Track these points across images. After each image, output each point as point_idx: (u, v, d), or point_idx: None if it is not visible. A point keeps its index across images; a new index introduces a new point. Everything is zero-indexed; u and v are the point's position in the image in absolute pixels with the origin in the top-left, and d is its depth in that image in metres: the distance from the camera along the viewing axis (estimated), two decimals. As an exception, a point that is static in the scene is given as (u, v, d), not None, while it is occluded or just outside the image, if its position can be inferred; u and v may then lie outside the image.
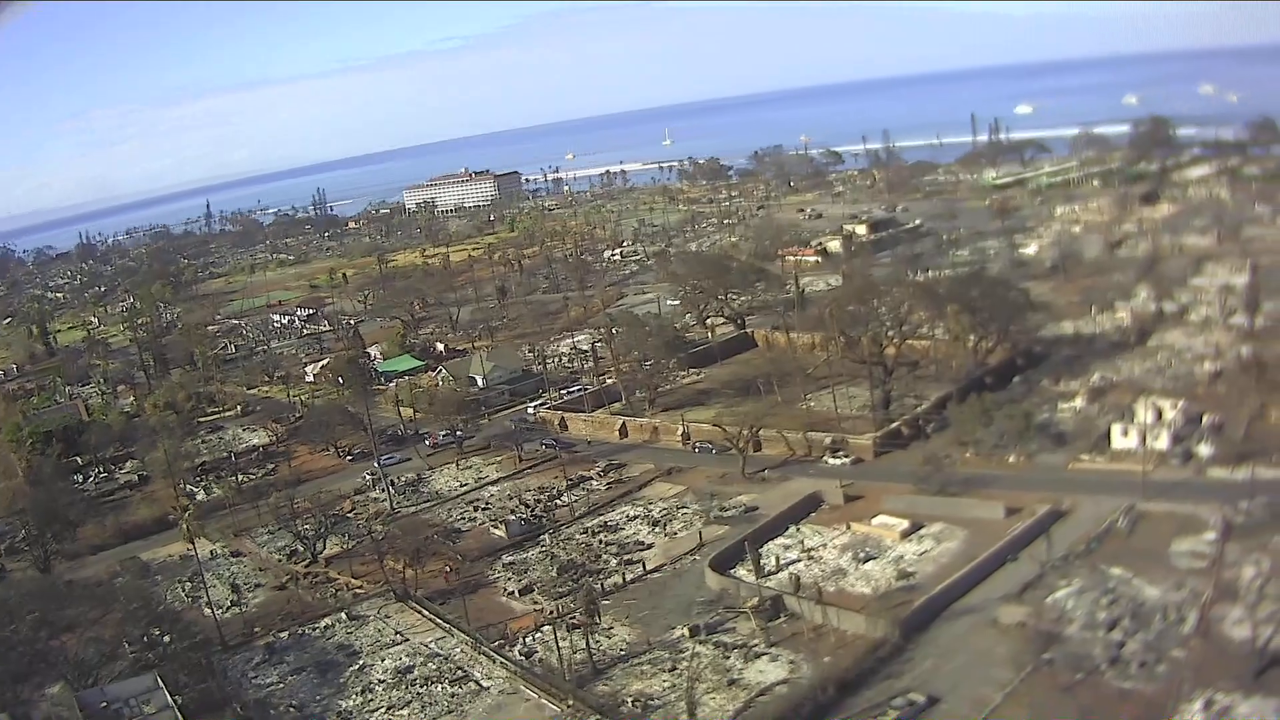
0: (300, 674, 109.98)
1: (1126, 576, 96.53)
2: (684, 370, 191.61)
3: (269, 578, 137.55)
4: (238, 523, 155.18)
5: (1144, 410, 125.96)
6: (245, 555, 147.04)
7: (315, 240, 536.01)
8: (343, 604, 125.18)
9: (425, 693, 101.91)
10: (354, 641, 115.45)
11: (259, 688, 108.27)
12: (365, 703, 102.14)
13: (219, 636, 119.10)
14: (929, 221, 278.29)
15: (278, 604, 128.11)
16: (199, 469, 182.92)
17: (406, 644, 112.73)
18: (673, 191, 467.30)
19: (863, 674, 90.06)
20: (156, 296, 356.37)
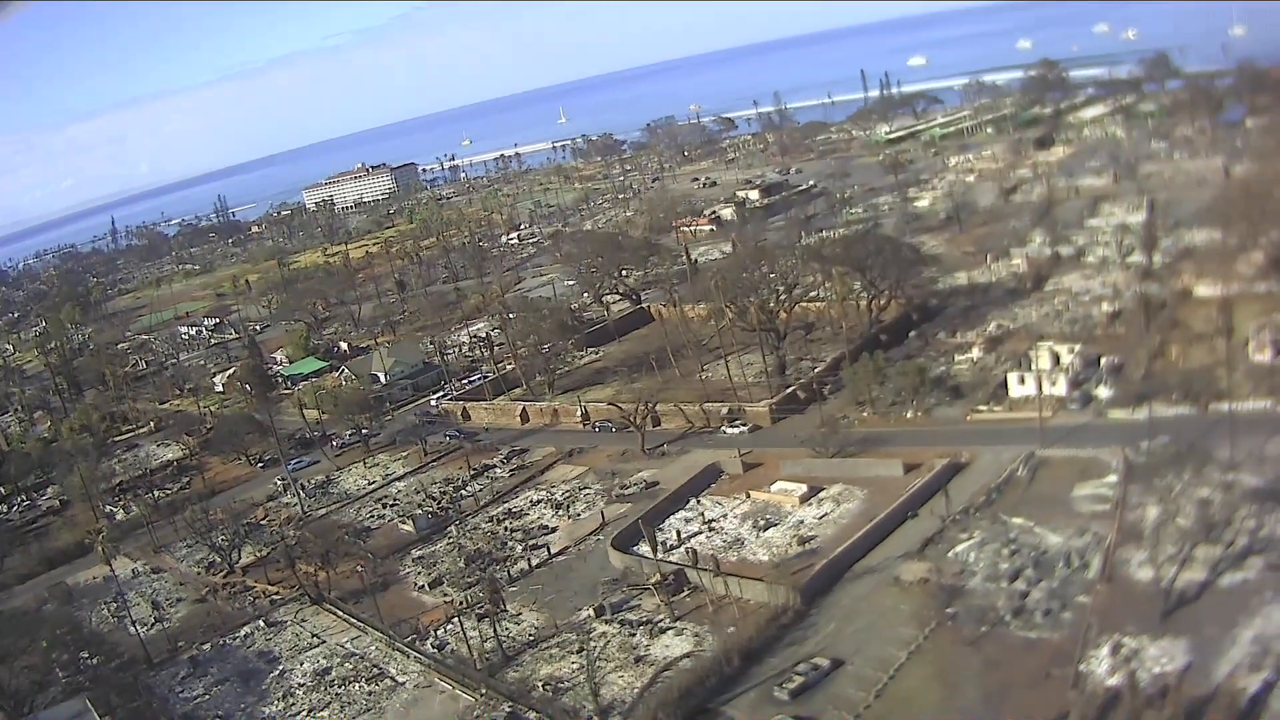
0: (224, 684, 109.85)
1: (1028, 525, 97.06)
2: (582, 350, 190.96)
3: (189, 591, 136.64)
4: (157, 539, 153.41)
5: (1041, 357, 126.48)
6: (166, 571, 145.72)
7: (220, 248, 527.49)
8: (260, 612, 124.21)
9: (344, 693, 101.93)
10: (273, 648, 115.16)
11: (185, 701, 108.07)
12: (287, 708, 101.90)
13: (144, 654, 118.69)
14: (822, 181, 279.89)
15: (199, 617, 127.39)
16: (116, 489, 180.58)
17: (323, 646, 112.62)
18: (568, 170, 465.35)
19: (766, 642, 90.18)
20: (66, 319, 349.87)
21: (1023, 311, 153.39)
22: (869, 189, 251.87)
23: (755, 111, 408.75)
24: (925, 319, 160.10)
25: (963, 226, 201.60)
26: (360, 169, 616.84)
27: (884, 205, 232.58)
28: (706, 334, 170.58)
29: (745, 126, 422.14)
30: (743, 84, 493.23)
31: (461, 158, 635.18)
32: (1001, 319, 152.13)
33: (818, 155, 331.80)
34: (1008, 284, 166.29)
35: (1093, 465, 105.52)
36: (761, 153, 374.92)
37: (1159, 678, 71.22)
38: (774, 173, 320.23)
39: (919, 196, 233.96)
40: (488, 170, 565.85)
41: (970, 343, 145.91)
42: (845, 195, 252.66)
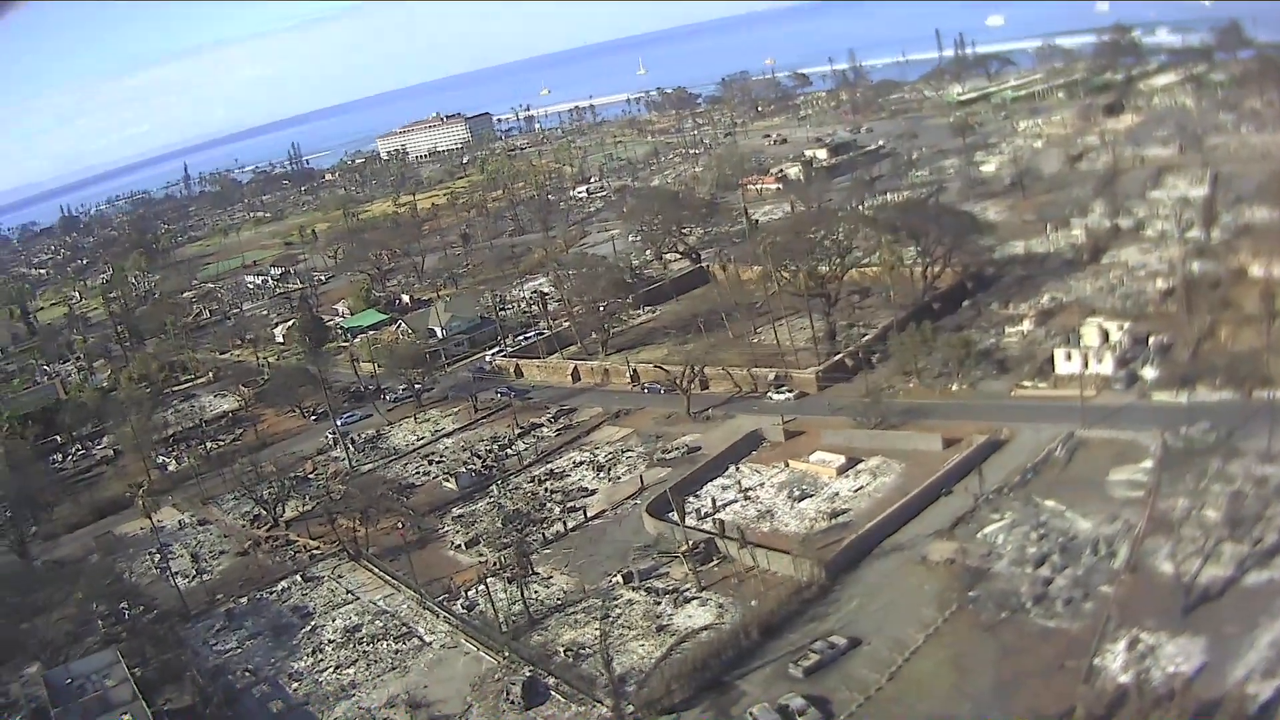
0: (257, 638, 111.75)
1: (1060, 509, 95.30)
2: (639, 309, 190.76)
3: (233, 544, 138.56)
4: (205, 491, 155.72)
5: (1090, 333, 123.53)
6: (212, 523, 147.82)
7: (292, 196, 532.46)
8: (299, 566, 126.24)
9: (371, 650, 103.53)
10: (308, 603, 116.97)
11: (218, 654, 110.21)
12: (315, 663, 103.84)
13: (182, 606, 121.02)
14: (891, 142, 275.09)
15: (239, 570, 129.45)
16: (170, 439, 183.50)
17: (357, 603, 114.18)
18: (641, 124, 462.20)
19: (788, 616, 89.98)
20: (132, 267, 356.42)
21: (1078, 284, 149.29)
22: (937, 151, 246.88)
23: (830, 68, 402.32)
24: (980, 288, 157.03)
25: (1026, 193, 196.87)
26: (435, 118, 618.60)
27: (950, 168, 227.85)
28: (760, 296, 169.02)
29: (820, 83, 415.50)
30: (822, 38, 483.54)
31: (538, 108, 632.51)
32: (1056, 291, 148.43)
33: (890, 115, 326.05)
34: (1065, 254, 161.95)
35: (1131, 449, 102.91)
36: (834, 110, 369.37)
37: (1171, 677, 69.77)
38: (845, 131, 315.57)
39: (985, 160, 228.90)
40: (562, 122, 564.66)
41: (1022, 315, 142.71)
42: (913, 157, 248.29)
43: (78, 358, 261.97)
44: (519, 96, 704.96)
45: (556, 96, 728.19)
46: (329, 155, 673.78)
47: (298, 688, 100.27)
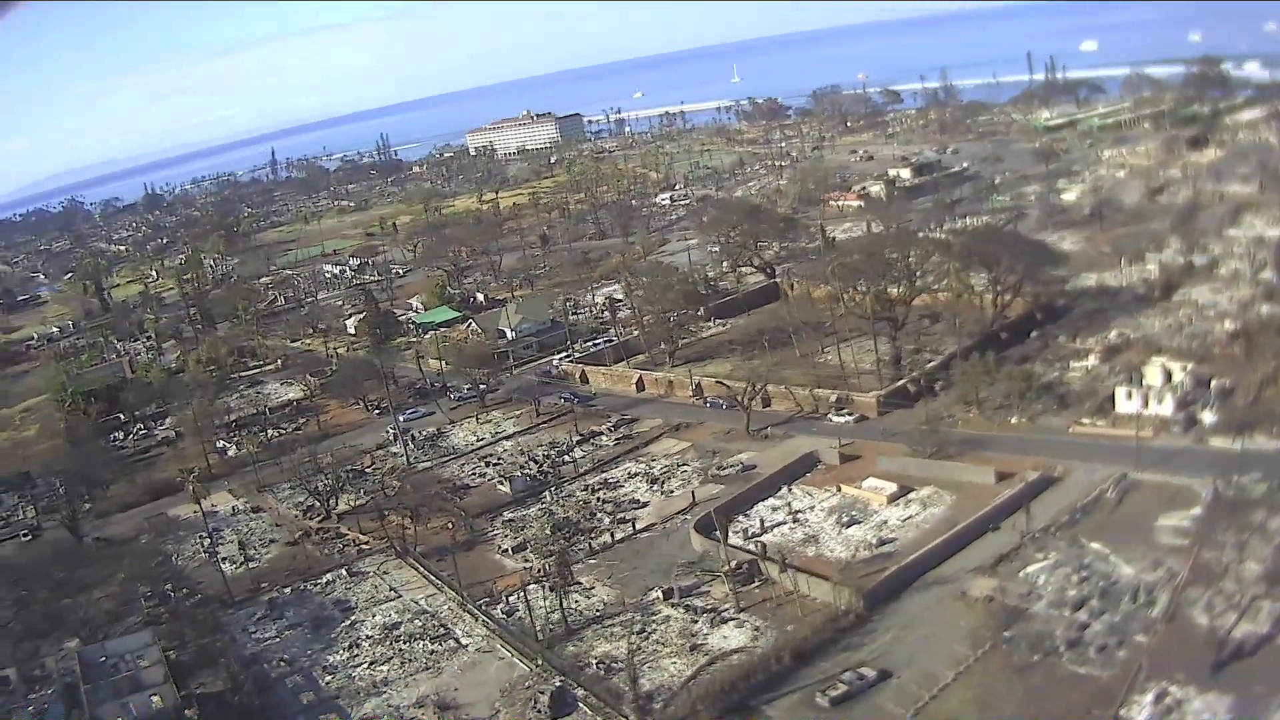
0: (296, 629, 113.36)
1: (1104, 552, 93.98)
2: (710, 321, 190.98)
3: (284, 533, 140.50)
4: (262, 478, 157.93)
5: (1153, 372, 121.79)
6: (266, 510, 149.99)
7: (378, 186, 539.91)
8: (346, 560, 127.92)
9: (407, 649, 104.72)
10: (351, 597, 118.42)
11: (256, 642, 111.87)
12: (351, 657, 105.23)
13: (225, 592, 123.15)
14: (976, 164, 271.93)
15: (287, 559, 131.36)
16: (233, 424, 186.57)
17: (398, 600, 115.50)
18: (730, 132, 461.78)
19: (821, 644, 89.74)
20: (211, 249, 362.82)
21: (1147, 321, 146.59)
22: (1020, 176, 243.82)
23: (921, 85, 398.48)
24: (1050, 319, 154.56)
25: (1104, 224, 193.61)
26: (525, 116, 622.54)
27: (1031, 195, 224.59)
28: (829, 316, 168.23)
29: (910, 101, 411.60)
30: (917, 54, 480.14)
31: (629, 111, 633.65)
32: (1124, 327, 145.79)
33: (977, 136, 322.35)
34: (1138, 289, 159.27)
35: (1183, 494, 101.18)
36: (922, 129, 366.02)
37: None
38: (931, 151, 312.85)
39: (1067, 188, 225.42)
40: (651, 126, 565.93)
41: (1088, 349, 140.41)
42: (995, 181, 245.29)
43: (148, 337, 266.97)
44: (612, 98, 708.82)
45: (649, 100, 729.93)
46: (418, 147, 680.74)
47: (330, 681, 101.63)
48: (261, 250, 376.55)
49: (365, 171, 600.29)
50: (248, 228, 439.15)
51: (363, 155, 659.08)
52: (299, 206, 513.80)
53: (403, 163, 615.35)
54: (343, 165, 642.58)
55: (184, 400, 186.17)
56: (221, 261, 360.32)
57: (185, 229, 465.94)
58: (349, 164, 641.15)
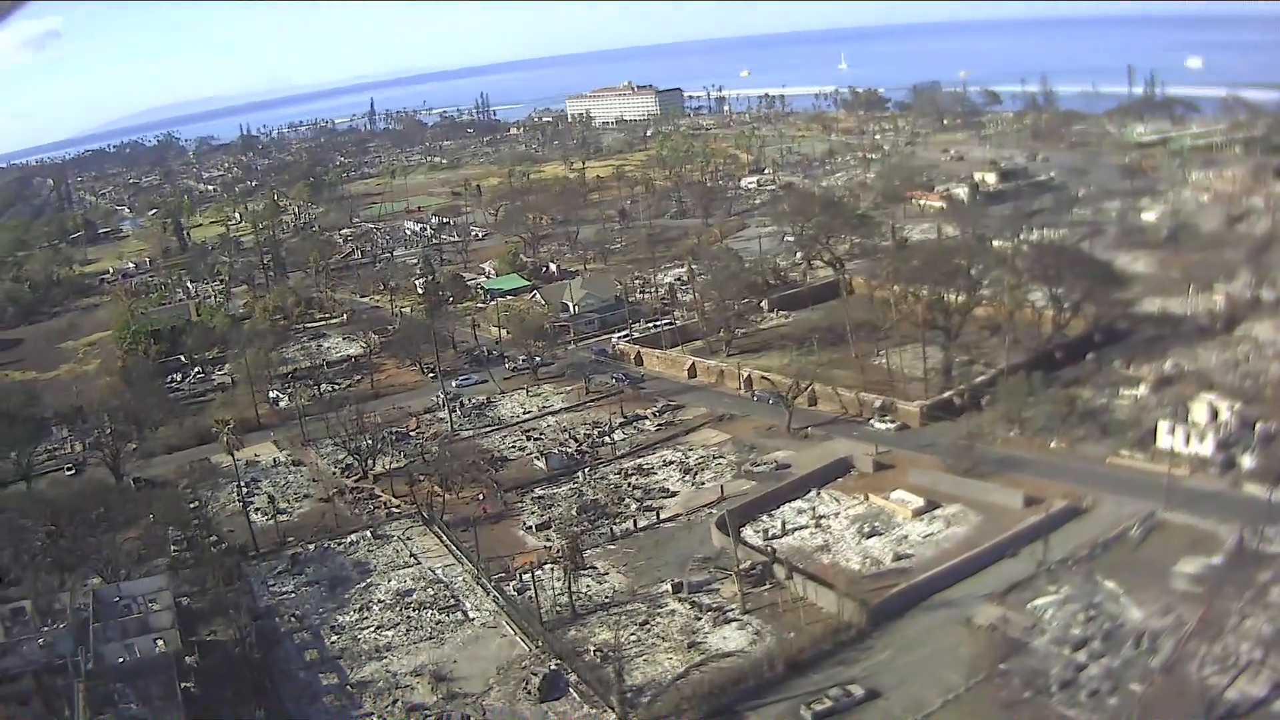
0: (313, 586, 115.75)
1: (1117, 592, 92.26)
2: (773, 312, 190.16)
3: (319, 489, 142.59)
4: (307, 432, 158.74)
5: (1200, 409, 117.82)
6: (306, 465, 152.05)
7: (473, 145, 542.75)
8: (374, 522, 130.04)
9: (415, 617, 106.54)
10: (371, 560, 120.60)
11: (273, 595, 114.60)
12: (360, 620, 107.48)
13: (252, 543, 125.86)
14: (1063, 175, 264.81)
15: (317, 516, 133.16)
16: (289, 375, 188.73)
17: (416, 567, 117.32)
18: (827, 120, 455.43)
19: (818, 656, 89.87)
20: (296, 197, 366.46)
21: (1205, 353, 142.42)
22: (1105, 191, 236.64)
23: (1021, 88, 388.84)
24: (1109, 342, 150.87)
25: (1179, 249, 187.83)
26: (626, 86, 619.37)
27: (1112, 211, 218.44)
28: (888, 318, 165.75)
29: (1009, 103, 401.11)
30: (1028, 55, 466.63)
31: (731, 90, 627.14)
32: (1181, 358, 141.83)
33: (1069, 146, 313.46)
34: (1201, 320, 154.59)
35: (1207, 540, 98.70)
36: (1017, 133, 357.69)
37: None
38: (1021, 157, 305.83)
39: (1149, 208, 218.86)
40: (750, 106, 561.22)
41: (1140, 378, 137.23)
42: (1078, 194, 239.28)
43: (221, 280, 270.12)
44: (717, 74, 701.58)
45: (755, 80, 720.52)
46: (518, 108, 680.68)
47: (336, 641, 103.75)
48: (347, 201, 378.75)
49: (462, 129, 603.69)
50: (335, 178, 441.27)
51: (461, 113, 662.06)
52: (391, 160, 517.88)
53: (500, 123, 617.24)
54: (441, 121, 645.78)
55: (242, 348, 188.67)
56: (305, 209, 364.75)
57: (275, 174, 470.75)
58: (447, 120, 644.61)
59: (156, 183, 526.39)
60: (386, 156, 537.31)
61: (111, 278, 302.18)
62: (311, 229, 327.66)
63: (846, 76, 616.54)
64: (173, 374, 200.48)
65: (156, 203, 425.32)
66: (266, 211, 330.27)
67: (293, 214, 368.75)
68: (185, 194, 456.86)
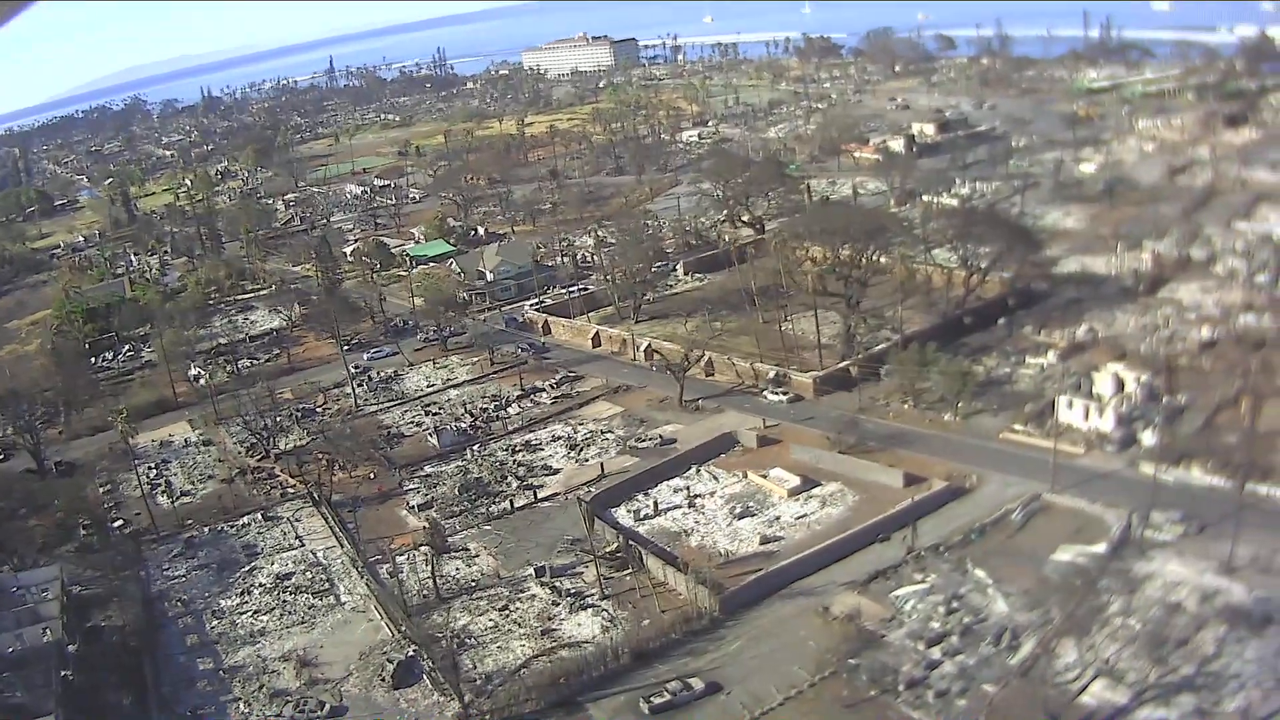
0: (203, 570, 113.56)
1: (986, 583, 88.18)
2: (689, 276, 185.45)
3: (224, 469, 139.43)
4: (221, 410, 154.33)
5: (1104, 380, 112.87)
6: (216, 444, 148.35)
7: (428, 101, 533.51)
8: (268, 503, 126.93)
9: (291, 601, 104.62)
10: (259, 542, 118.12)
11: (166, 580, 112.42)
12: (240, 604, 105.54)
13: (153, 527, 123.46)
14: (1006, 124, 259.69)
15: (218, 497, 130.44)
16: (212, 351, 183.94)
17: (300, 550, 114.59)
18: (778, 68, 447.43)
19: (667, 645, 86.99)
20: (245, 162, 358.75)
21: (1124, 317, 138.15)
22: (1047, 140, 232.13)
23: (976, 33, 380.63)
24: (1024, 305, 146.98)
25: (1114, 203, 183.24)
26: (581, 38, 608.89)
27: (1050, 163, 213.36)
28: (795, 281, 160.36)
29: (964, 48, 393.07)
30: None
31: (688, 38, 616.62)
32: (1098, 321, 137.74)
33: (1019, 93, 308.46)
34: (1126, 280, 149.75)
35: (1092, 525, 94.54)
36: (967, 80, 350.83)
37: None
38: (968, 105, 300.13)
39: (1089, 159, 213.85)
40: (703, 55, 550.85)
41: (1051, 344, 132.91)
42: (1019, 144, 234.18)
43: (165, 252, 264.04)
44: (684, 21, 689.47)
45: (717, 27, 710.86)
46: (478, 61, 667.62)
47: (216, 625, 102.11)
48: (297, 164, 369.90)
49: (420, 85, 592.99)
50: (286, 139, 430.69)
51: (421, 67, 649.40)
52: (346, 119, 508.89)
53: (457, 78, 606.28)
54: (400, 77, 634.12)
55: (163, 325, 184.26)
56: (254, 174, 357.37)
57: (231, 137, 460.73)
58: (406, 76, 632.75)
59: (118, 150, 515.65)
60: (343, 115, 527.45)
61: (62, 252, 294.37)
62: (255, 196, 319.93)
63: (809, 22, 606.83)
64: (104, 352, 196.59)
65: (112, 172, 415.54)
66: (201, 182, 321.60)
67: (242, 179, 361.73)
68: (144, 160, 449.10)
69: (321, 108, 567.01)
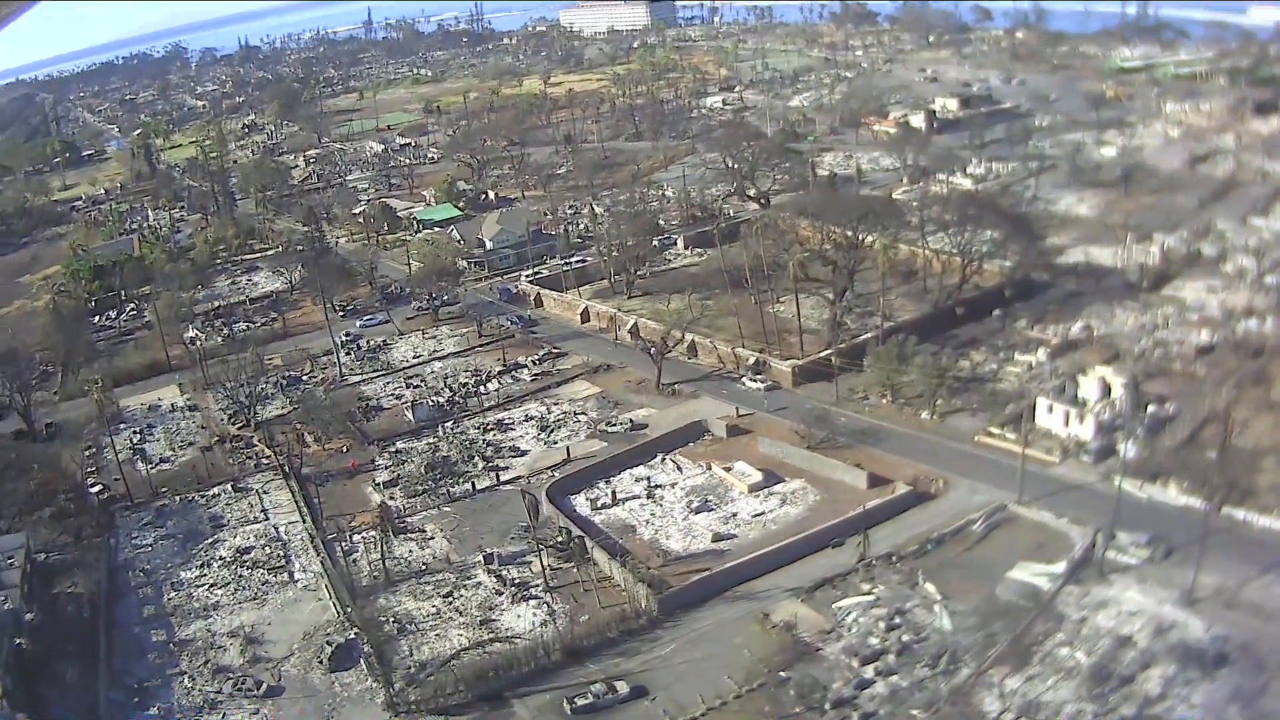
0: (169, 540, 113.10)
1: (935, 598, 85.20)
2: (689, 250, 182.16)
3: (204, 437, 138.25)
4: (210, 375, 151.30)
5: (1089, 384, 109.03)
6: (201, 410, 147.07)
7: (462, 57, 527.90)
8: (243, 473, 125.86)
9: (246, 576, 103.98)
10: (226, 514, 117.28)
11: (134, 549, 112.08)
12: (199, 576, 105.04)
13: (128, 495, 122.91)
14: (1033, 102, 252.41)
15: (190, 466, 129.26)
16: (212, 312, 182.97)
17: (263, 523, 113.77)
18: (812, 34, 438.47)
19: (602, 644, 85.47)
20: (270, 116, 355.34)
21: (1123, 315, 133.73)
22: (1071, 120, 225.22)
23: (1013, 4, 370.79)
24: (1021, 297, 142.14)
25: (1130, 190, 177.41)
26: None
27: (1071, 144, 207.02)
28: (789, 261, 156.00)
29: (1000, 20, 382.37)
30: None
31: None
32: (1096, 318, 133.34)
33: (1050, 69, 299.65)
34: (1131, 274, 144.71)
35: (1055, 541, 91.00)
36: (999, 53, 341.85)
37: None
38: (997, 79, 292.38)
39: (1111, 142, 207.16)
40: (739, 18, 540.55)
41: (1044, 340, 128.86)
42: (1039, 124, 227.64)
43: (181, 208, 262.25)
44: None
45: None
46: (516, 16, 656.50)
47: (173, 598, 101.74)
48: (324, 119, 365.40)
49: (456, 39, 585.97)
50: (313, 93, 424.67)
51: (459, 21, 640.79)
52: (379, 71, 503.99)
53: (495, 33, 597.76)
54: (438, 30, 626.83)
55: (161, 286, 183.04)
56: (278, 129, 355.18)
57: (263, 89, 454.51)
58: (444, 29, 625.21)
59: (152, 99, 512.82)
60: (376, 69, 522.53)
61: (83, 205, 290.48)
62: (276, 152, 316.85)
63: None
64: (108, 311, 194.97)
65: (140, 123, 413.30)
66: (215, 139, 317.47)
67: (267, 134, 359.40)
68: (176, 110, 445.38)
69: (356, 60, 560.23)
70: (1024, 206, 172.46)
